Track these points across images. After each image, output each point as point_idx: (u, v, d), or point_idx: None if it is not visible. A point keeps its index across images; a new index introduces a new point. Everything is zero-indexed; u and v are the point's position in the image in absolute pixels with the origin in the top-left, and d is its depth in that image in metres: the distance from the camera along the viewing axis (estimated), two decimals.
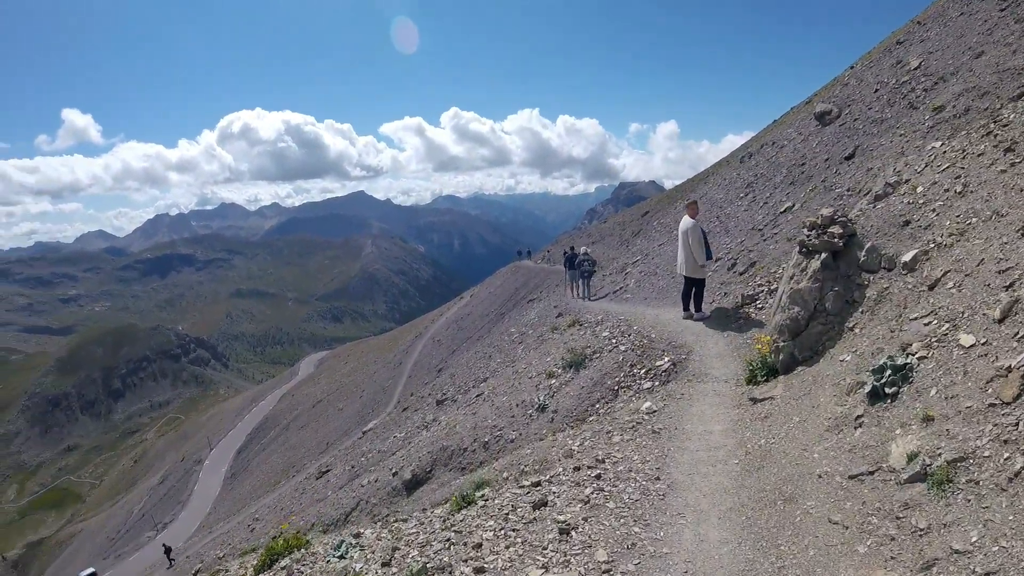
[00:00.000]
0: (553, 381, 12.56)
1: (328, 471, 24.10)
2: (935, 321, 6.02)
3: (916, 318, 6.38)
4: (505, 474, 8.20)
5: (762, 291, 11.85)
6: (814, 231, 8.41)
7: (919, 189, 8.62)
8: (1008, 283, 5.59)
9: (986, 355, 5.06)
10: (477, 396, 16.12)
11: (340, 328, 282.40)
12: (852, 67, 24.74)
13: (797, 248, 8.65)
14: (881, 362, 5.83)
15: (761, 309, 11.35)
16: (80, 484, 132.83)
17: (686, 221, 12.61)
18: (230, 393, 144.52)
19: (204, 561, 21.14)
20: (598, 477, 6.39)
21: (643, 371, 10.69)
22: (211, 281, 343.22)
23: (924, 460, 4.46)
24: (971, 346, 5.29)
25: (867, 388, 5.79)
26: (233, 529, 29.01)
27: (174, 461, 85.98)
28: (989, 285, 5.83)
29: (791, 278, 8.44)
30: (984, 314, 5.52)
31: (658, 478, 6.25)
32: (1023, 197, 6.75)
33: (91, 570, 37.04)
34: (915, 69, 15.77)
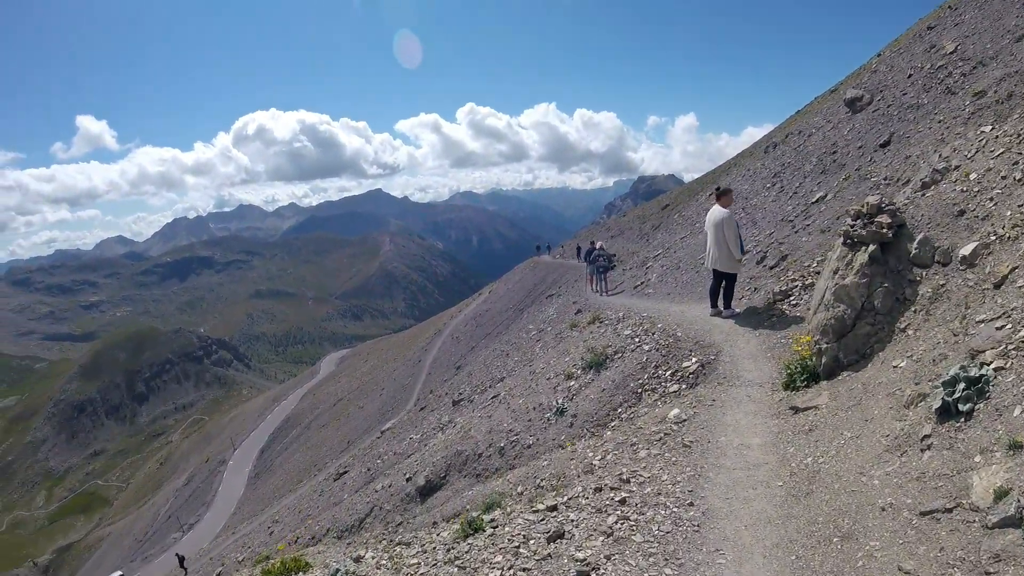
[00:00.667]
0: (572, 383, 11.93)
1: (346, 472, 23.66)
2: (1009, 325, 5.25)
3: (984, 320, 5.62)
4: (520, 488, 7.55)
5: (796, 286, 11.06)
6: (859, 220, 7.63)
7: (972, 176, 7.84)
8: None
9: None
10: (493, 398, 15.54)
11: (360, 326, 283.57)
12: (879, 55, 23.87)
13: (840, 239, 7.85)
14: (952, 373, 5.05)
15: (795, 306, 10.56)
16: (107, 488, 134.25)
17: (719, 211, 11.75)
18: (253, 393, 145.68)
19: (225, 564, 20.72)
20: (622, 502, 5.65)
21: (669, 373, 9.99)
22: (231, 282, 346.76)
23: (1019, 500, 3.68)
24: None
25: (935, 403, 5.02)
26: (254, 531, 28.73)
27: (199, 462, 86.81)
28: None
29: (835, 272, 7.66)
30: None
31: (691, 503, 5.51)
32: None
33: (119, 573, 36.89)
34: (951, 53, 15.01)
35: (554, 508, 5.86)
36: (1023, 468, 3.87)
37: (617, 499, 5.73)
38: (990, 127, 8.98)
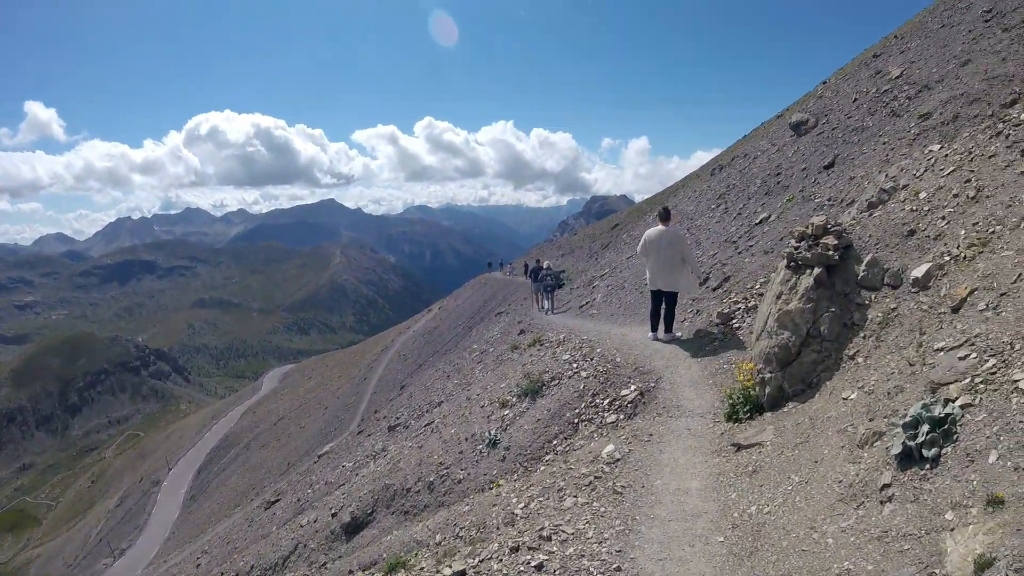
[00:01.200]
0: (507, 412, 11.21)
1: (277, 501, 22.53)
2: (973, 354, 4.71)
3: (944, 349, 5.08)
4: (438, 537, 6.82)
5: (739, 309, 10.54)
6: (804, 242, 7.12)
7: (922, 195, 7.42)
8: None
9: None
10: (427, 425, 14.76)
11: (307, 340, 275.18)
12: (825, 82, 24.01)
13: (784, 262, 7.31)
14: (914, 413, 4.46)
15: (738, 329, 10.02)
16: (37, 506, 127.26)
17: (673, 230, 11.31)
18: (191, 409, 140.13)
19: None
20: (539, 568, 4.90)
21: (607, 401, 9.35)
22: (173, 289, 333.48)
23: (1006, 574, 3.02)
24: None
25: (894, 447, 4.42)
26: (184, 561, 27.33)
27: (132, 481, 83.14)
28: None
29: (778, 297, 7.10)
30: None
31: (619, 568, 4.77)
32: None
33: None
34: (897, 78, 14.90)
35: (462, 574, 5.08)
36: (1008, 530, 3.22)
37: (534, 563, 4.97)
38: (938, 146, 8.63)
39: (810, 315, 6.70)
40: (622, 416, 8.73)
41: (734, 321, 10.24)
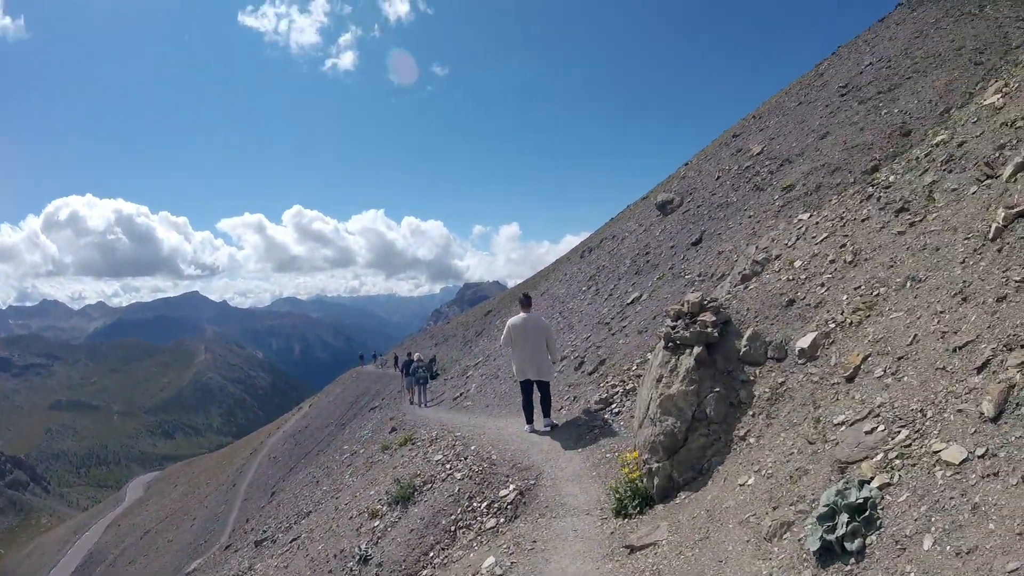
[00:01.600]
0: (377, 522, 10.15)
1: None
2: (880, 426, 4.25)
3: (846, 423, 4.62)
4: None
5: (617, 392, 10.04)
6: (681, 321, 6.67)
7: (796, 263, 7.20)
8: (979, 363, 3.95)
9: (996, 474, 3.26)
10: (293, 540, 13.38)
11: (172, 445, 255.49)
12: (687, 163, 24.79)
13: (662, 343, 6.81)
14: (828, 501, 3.89)
15: (618, 414, 9.48)
16: None
17: (536, 317, 10.78)
18: (53, 522, 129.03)
19: None
20: None
21: (484, 504, 8.48)
22: (28, 389, 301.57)
23: None
24: (964, 461, 3.49)
25: (810, 541, 3.82)
26: None
27: None
28: (944, 369, 4.21)
29: (658, 381, 6.55)
30: (959, 410, 3.81)
31: None
32: (939, 257, 5.35)
33: None
34: (758, 154, 15.38)
35: None
36: None
37: None
38: (807, 215, 8.56)
39: (694, 397, 6.17)
40: (502, 519, 7.91)
41: (613, 406, 9.71)
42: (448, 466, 10.39)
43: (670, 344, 6.59)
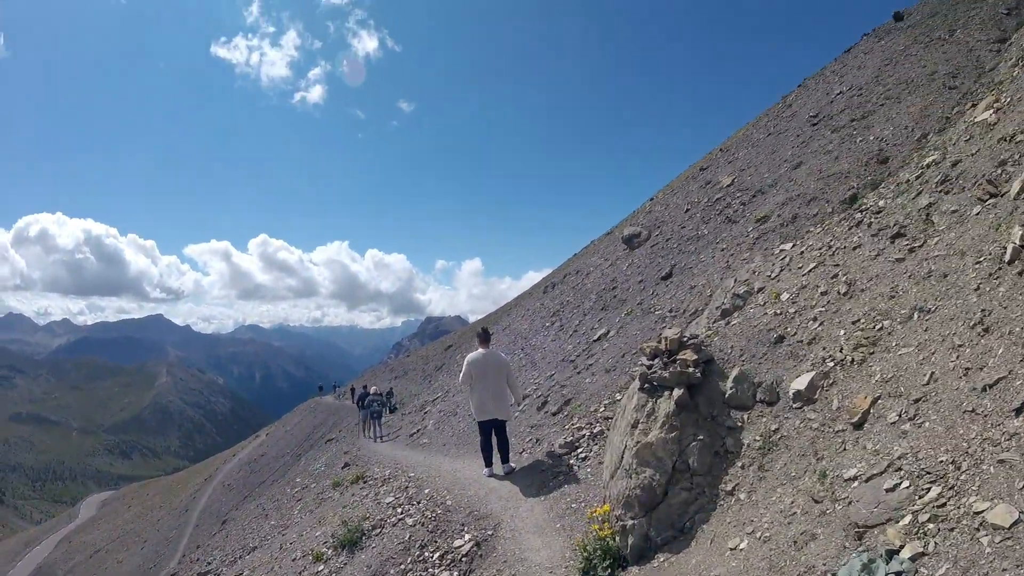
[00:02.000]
0: (321, 567, 9.34)
1: None
2: (904, 482, 3.57)
3: (859, 477, 3.94)
4: None
5: (583, 436, 9.24)
6: (658, 359, 5.94)
7: (783, 296, 6.57)
8: (1018, 404, 3.32)
9: None
10: None
11: (129, 465, 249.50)
12: (652, 199, 24.37)
13: (637, 384, 6.04)
14: (850, 574, 3.17)
15: (584, 459, 8.67)
16: None
17: (496, 354, 10.00)
18: (5, 533, 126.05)
19: None
20: None
21: (437, 555, 7.64)
22: None
23: None
24: (1015, 523, 2.81)
25: None
26: None
27: None
28: (974, 411, 3.59)
29: (633, 426, 5.78)
30: (1000, 461, 3.15)
31: None
32: (948, 285, 4.76)
33: None
34: (728, 186, 14.93)
35: None
36: None
37: None
38: (790, 244, 7.96)
39: (674, 445, 5.42)
40: (456, 573, 7.10)
41: (579, 450, 8.90)
42: (400, 510, 9.59)
43: (647, 385, 5.85)
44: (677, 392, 5.63)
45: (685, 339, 6.03)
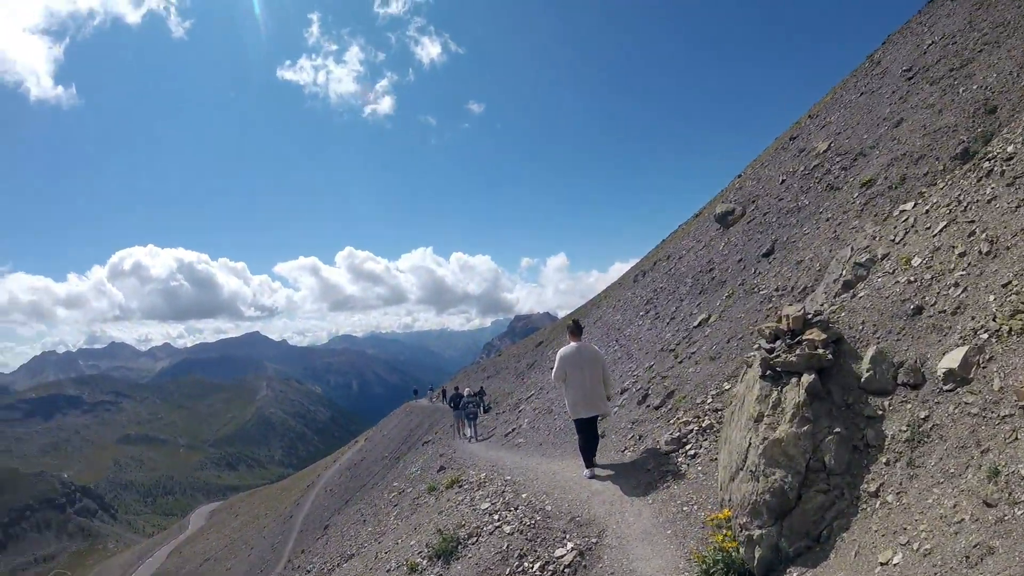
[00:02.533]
0: None
1: None
2: None
3: None
4: None
5: (691, 431, 8.46)
6: (780, 342, 5.17)
7: (915, 261, 5.69)
8: None
9: None
10: None
11: (235, 476, 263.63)
12: (740, 175, 23.23)
13: (756, 371, 5.25)
14: None
15: (694, 457, 7.92)
16: None
17: (583, 346, 9.37)
18: (119, 547, 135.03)
19: None
20: None
21: (537, 566, 7.07)
22: (98, 425, 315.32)
23: None
24: None
25: None
26: None
27: None
28: None
29: (756, 420, 5.00)
30: None
31: None
32: None
33: None
34: (825, 152, 13.89)
35: None
36: None
37: None
38: (912, 204, 7.03)
39: (808, 441, 4.65)
40: None
41: (688, 447, 8.14)
42: (496, 517, 9.03)
43: (768, 372, 5.07)
44: (806, 378, 4.84)
45: (810, 316, 5.24)
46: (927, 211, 6.44)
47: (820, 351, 4.89)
